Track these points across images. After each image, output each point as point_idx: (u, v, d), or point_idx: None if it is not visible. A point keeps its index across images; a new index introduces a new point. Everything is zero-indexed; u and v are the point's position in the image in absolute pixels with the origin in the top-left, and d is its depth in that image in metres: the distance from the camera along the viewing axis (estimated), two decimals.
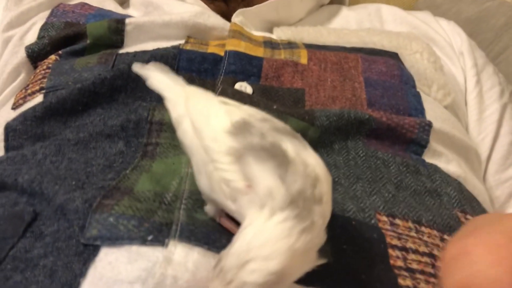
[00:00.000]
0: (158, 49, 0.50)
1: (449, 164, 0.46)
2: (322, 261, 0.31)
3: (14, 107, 0.48)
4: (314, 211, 0.24)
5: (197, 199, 0.33)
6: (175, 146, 0.39)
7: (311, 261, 0.24)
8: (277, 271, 0.22)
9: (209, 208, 0.32)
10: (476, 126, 0.57)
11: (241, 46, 0.51)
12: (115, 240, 0.29)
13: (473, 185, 0.47)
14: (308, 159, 0.26)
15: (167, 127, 0.41)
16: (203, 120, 0.29)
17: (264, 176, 0.25)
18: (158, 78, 0.34)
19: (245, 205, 0.25)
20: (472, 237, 0.21)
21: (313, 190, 0.25)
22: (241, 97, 0.42)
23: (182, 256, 0.28)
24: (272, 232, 0.23)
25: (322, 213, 0.25)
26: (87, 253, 0.29)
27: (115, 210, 0.31)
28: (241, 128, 0.27)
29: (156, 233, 0.29)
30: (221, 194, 0.27)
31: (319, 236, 0.25)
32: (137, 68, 0.35)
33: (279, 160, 0.26)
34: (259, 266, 0.22)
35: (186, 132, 0.30)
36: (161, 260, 0.28)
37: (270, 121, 0.29)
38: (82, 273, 0.28)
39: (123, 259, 0.28)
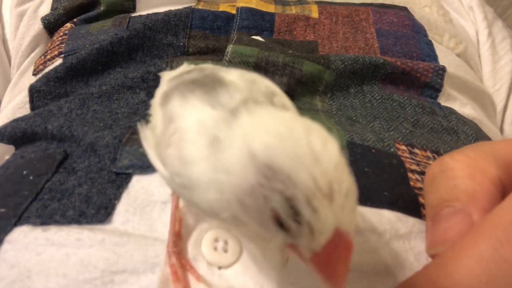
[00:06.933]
0: (170, 10, 0.51)
1: (464, 107, 0.46)
2: None
3: (34, 73, 0.49)
4: None
5: None
6: None
7: None
8: None
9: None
10: (491, 76, 0.57)
11: (252, 3, 0.51)
12: (147, 168, 0.30)
13: (488, 128, 0.47)
14: (261, 80, 0.22)
15: None
16: None
17: (188, 110, 0.20)
18: None
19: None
20: (450, 155, 0.21)
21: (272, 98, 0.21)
22: (256, 44, 0.43)
23: None
24: None
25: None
26: (120, 181, 0.30)
27: None
28: (185, 71, 0.25)
29: None
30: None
31: None
32: None
33: (208, 86, 0.21)
34: None
35: None
36: None
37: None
38: (116, 197, 0.29)
39: (155, 183, 0.29)
